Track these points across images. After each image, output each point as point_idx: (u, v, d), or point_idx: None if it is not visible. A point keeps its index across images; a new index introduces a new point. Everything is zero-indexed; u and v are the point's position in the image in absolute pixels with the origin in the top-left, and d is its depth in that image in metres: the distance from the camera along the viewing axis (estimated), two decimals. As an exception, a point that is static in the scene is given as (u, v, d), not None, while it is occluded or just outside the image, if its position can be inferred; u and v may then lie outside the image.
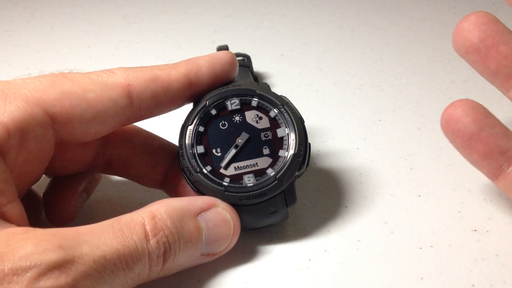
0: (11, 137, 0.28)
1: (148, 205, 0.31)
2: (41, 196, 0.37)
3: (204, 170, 0.34)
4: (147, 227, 0.29)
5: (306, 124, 0.35)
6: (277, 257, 0.35)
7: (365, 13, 0.65)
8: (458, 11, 0.64)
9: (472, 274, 0.33)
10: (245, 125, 0.35)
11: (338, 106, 0.50)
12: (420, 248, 0.35)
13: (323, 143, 0.45)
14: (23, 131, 0.28)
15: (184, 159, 0.34)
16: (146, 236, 0.29)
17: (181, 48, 0.60)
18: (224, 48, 0.41)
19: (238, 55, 0.49)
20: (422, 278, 0.33)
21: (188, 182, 0.34)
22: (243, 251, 0.35)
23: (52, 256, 0.25)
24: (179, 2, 0.70)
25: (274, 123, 0.35)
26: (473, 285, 0.32)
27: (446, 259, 0.34)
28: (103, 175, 0.40)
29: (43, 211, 0.36)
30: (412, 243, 0.35)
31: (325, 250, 0.35)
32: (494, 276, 0.33)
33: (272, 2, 0.69)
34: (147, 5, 0.69)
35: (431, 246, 0.35)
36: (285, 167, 0.34)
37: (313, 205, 0.39)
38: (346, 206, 0.39)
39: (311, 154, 0.35)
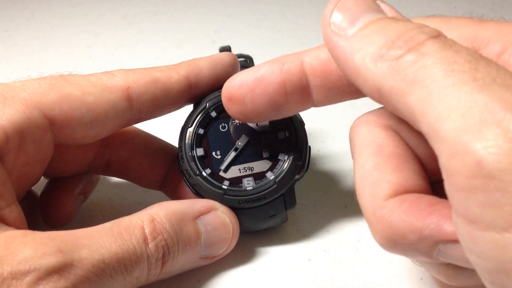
0: (9, 141, 0.28)
1: (147, 208, 0.31)
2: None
3: (204, 173, 0.34)
4: (146, 231, 0.29)
5: (306, 124, 0.35)
6: (276, 257, 0.35)
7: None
8: (458, 11, 0.64)
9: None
10: (245, 128, 0.35)
11: (338, 106, 0.50)
12: (420, 248, 0.35)
13: (323, 143, 0.45)
14: (21, 134, 0.28)
15: (183, 161, 0.34)
16: (145, 239, 0.29)
17: (181, 48, 0.60)
18: (227, 49, 0.41)
19: (240, 56, 0.49)
20: (421, 278, 0.33)
21: (187, 185, 0.34)
22: (243, 251, 0.35)
23: (51, 260, 0.25)
24: (179, 2, 0.70)
25: (274, 126, 0.35)
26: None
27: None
28: (103, 175, 0.40)
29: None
30: (412, 243, 0.35)
31: (325, 250, 0.35)
32: (493, 276, 0.33)
33: (272, 2, 0.69)
34: (147, 5, 0.69)
35: (431, 247, 0.35)
36: (285, 170, 0.34)
37: (312, 205, 0.39)
38: (345, 206, 0.39)
39: (310, 155, 0.35)
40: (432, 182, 0.27)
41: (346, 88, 0.29)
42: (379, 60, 0.23)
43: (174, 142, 0.36)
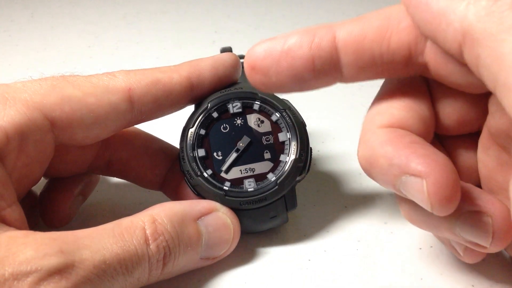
0: (10, 142, 0.28)
1: (148, 209, 0.31)
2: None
3: (205, 174, 0.34)
4: (147, 231, 0.29)
5: (306, 124, 0.35)
6: (277, 257, 0.35)
7: (365, 13, 0.65)
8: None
9: (472, 274, 0.33)
10: (246, 129, 0.35)
11: (338, 106, 0.50)
12: (420, 248, 0.35)
13: (323, 144, 0.45)
14: (22, 136, 0.28)
15: (185, 162, 0.34)
16: (146, 240, 0.29)
17: (181, 48, 0.60)
18: (228, 50, 0.41)
19: (241, 57, 0.49)
20: (422, 278, 0.33)
21: (188, 185, 0.34)
22: (243, 251, 0.35)
23: (52, 261, 0.25)
24: (179, 2, 0.70)
25: (276, 127, 0.35)
26: (472, 285, 0.32)
27: (446, 259, 0.34)
28: (103, 176, 0.40)
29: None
30: (412, 243, 0.35)
31: (325, 251, 0.35)
32: (494, 276, 0.33)
33: (272, 2, 0.69)
34: (147, 5, 0.69)
35: (431, 246, 0.35)
36: (286, 172, 0.34)
37: (312, 205, 0.39)
38: (345, 207, 0.39)
39: (312, 156, 0.35)
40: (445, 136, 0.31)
41: (379, 68, 0.28)
42: (473, 0, 0.22)
43: (176, 142, 0.36)
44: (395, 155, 0.26)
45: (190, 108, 0.35)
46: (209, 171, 0.34)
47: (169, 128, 0.39)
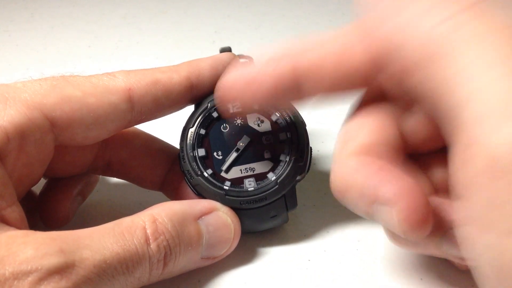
0: (10, 142, 0.28)
1: (148, 208, 0.31)
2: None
3: (205, 174, 0.34)
4: (148, 231, 0.29)
5: (306, 124, 0.35)
6: (276, 257, 0.35)
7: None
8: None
9: (472, 274, 0.33)
10: (246, 128, 0.35)
11: (338, 106, 0.50)
12: (420, 248, 0.35)
13: (323, 144, 0.45)
14: (22, 136, 0.28)
15: (185, 162, 0.34)
16: (146, 240, 0.29)
17: (181, 48, 0.60)
18: (227, 50, 0.41)
19: (241, 57, 0.49)
20: (421, 279, 0.33)
21: (189, 185, 0.34)
22: (243, 251, 0.35)
23: (52, 260, 0.25)
24: (179, 2, 0.70)
25: (276, 127, 0.35)
26: (472, 286, 0.32)
27: (446, 260, 0.34)
28: (103, 176, 0.40)
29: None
30: (412, 243, 0.35)
31: (325, 251, 0.35)
32: (493, 276, 0.33)
33: (272, 2, 0.69)
34: (147, 5, 0.69)
35: (431, 247, 0.35)
36: (286, 171, 0.34)
37: (312, 205, 0.39)
38: (345, 207, 0.39)
39: (312, 156, 0.35)
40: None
41: (341, 90, 0.29)
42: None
43: (175, 142, 0.36)
44: (364, 184, 0.26)
45: (190, 108, 0.36)
46: (209, 171, 0.34)
47: (169, 128, 0.39)
